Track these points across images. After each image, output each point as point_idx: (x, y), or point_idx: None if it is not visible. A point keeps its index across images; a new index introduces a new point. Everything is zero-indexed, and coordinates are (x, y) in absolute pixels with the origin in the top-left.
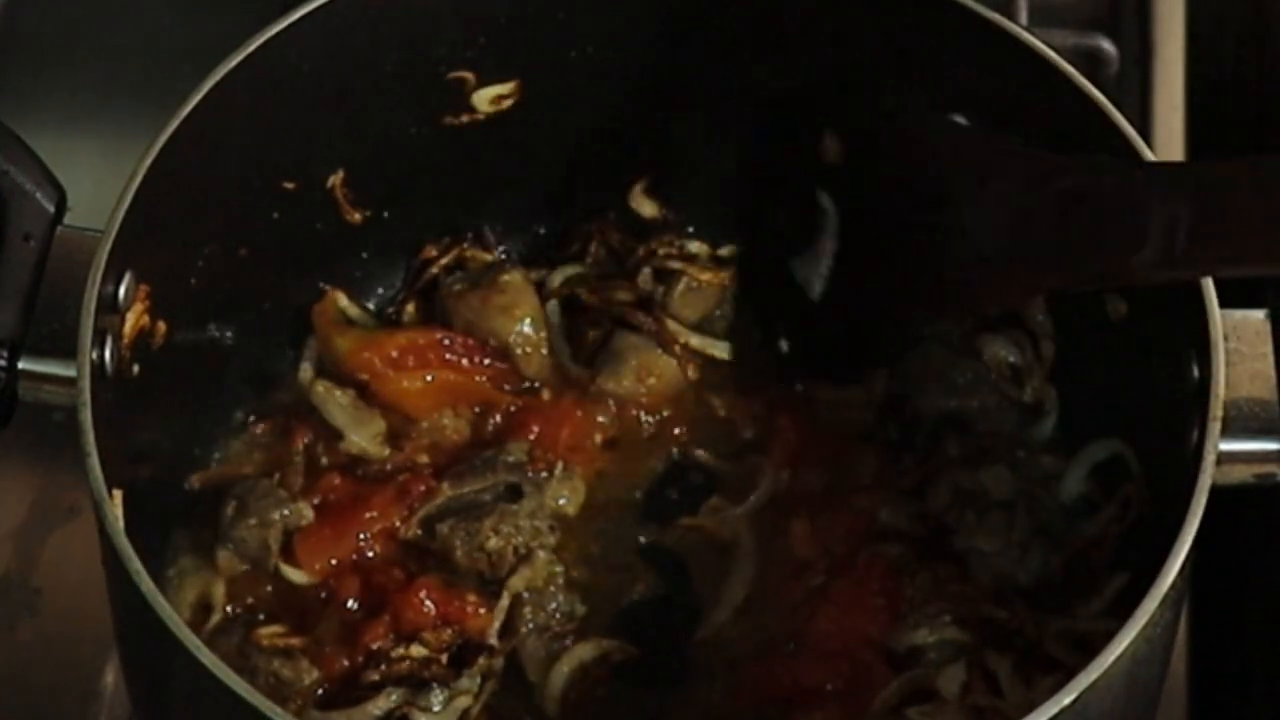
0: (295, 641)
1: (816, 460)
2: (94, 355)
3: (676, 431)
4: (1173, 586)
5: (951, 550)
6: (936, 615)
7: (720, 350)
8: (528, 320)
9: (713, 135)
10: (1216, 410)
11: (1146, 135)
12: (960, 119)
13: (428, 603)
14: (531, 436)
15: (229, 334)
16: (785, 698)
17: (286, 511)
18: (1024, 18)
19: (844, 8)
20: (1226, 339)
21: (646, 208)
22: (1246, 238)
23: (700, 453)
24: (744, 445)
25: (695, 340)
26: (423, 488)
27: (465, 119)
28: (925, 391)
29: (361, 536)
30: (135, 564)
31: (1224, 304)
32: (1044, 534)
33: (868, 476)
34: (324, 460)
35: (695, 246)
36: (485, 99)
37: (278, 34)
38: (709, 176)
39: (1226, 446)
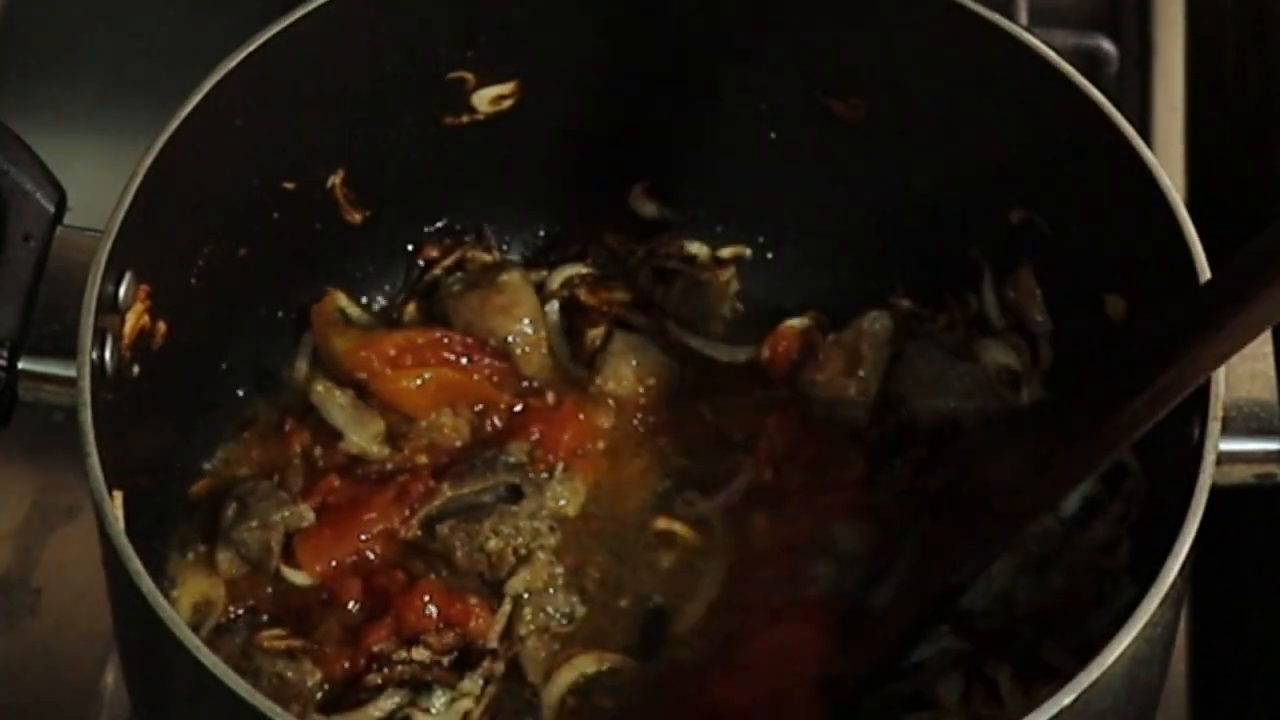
0: (298, 643)
1: (809, 461)
2: (94, 355)
3: (674, 432)
4: (1173, 586)
5: None
6: (934, 625)
7: (719, 351)
8: (527, 320)
9: (713, 135)
10: (1216, 410)
11: (1146, 135)
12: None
13: (430, 606)
14: (533, 439)
15: (229, 334)
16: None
17: (287, 513)
18: (1024, 18)
19: (842, 8)
20: None
21: (646, 208)
22: None
23: (696, 454)
24: (735, 446)
25: (694, 341)
26: (422, 488)
27: (465, 119)
28: (921, 394)
29: (362, 537)
30: (135, 564)
31: None
32: (1042, 543)
33: (858, 477)
34: (321, 462)
35: (695, 246)
36: (485, 99)
37: (278, 34)
38: (709, 176)
39: (1226, 446)
